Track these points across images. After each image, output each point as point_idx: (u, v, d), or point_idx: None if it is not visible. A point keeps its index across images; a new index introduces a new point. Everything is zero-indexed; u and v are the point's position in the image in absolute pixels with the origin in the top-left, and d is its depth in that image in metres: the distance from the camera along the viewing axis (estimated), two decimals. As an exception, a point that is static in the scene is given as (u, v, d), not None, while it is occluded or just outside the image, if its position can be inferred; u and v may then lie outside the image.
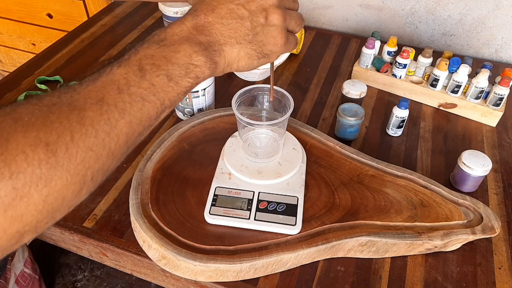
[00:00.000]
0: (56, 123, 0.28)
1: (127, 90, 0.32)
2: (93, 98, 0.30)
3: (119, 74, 0.32)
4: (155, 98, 0.33)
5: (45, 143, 0.26)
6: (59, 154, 0.27)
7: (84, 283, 1.33)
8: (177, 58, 0.34)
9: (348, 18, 1.11)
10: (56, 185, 0.27)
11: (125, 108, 0.31)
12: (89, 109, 0.29)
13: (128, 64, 0.33)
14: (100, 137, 0.30)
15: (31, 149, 0.26)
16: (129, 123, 0.32)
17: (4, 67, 1.76)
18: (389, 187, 0.64)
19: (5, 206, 0.25)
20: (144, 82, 0.32)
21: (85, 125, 0.29)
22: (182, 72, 0.34)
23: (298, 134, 0.70)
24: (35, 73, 0.92)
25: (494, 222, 0.58)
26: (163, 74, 0.33)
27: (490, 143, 0.79)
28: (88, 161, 0.29)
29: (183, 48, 0.35)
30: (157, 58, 0.34)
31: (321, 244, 0.56)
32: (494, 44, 1.01)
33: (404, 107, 0.75)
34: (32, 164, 0.26)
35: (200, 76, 0.36)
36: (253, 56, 0.39)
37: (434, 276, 0.57)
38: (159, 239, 0.55)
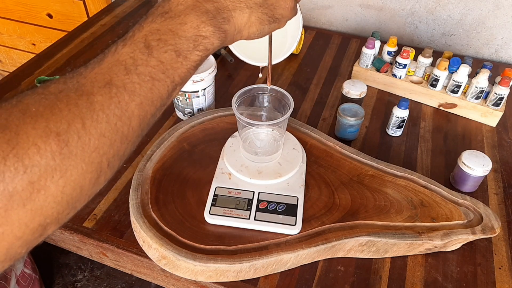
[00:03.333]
0: (65, 111, 0.27)
1: (135, 70, 0.30)
2: (100, 81, 0.29)
3: (125, 54, 0.31)
4: (165, 76, 0.31)
5: (56, 133, 0.26)
6: (72, 143, 0.26)
7: (84, 283, 1.33)
8: (184, 31, 0.32)
9: (348, 18, 1.11)
10: (72, 175, 0.26)
11: (134, 89, 0.30)
12: (98, 93, 0.28)
13: (133, 41, 0.31)
14: (112, 122, 0.29)
15: (43, 141, 0.25)
16: (140, 105, 0.30)
17: (4, 67, 1.76)
18: (389, 187, 0.64)
19: (24, 200, 0.24)
20: (152, 60, 0.31)
21: (95, 110, 0.28)
22: (191, 46, 0.33)
23: (298, 134, 0.70)
24: (35, 73, 0.92)
25: (494, 222, 0.58)
26: (171, 50, 0.32)
27: (490, 143, 0.79)
28: (102, 147, 0.28)
29: (189, 19, 0.33)
30: (163, 32, 0.32)
31: (321, 244, 0.55)
32: (494, 44, 1.01)
33: (404, 107, 0.75)
34: (45, 156, 0.25)
35: (210, 47, 0.34)
36: (264, 20, 0.38)
37: (434, 276, 0.57)
38: (159, 239, 0.55)
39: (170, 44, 0.32)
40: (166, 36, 0.32)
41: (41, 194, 0.25)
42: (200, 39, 0.33)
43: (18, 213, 0.24)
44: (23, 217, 0.25)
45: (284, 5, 0.39)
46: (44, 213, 0.26)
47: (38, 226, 0.26)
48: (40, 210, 0.26)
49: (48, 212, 0.26)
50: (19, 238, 0.25)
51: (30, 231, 0.26)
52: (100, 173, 0.29)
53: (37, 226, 0.26)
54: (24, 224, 0.25)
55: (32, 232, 0.26)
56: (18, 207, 0.24)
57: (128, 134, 0.30)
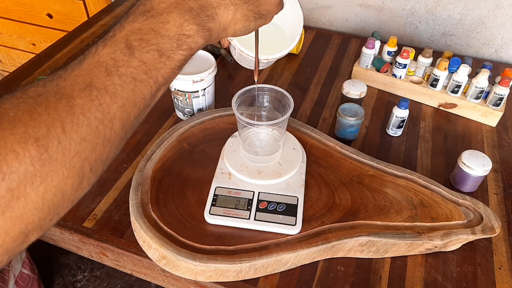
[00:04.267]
0: (44, 115, 0.26)
1: (116, 72, 0.29)
2: (80, 84, 0.28)
3: (105, 55, 0.30)
4: (147, 76, 0.30)
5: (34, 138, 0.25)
6: (51, 148, 0.25)
7: (84, 283, 1.33)
8: (166, 30, 0.31)
9: (348, 18, 1.11)
10: (52, 180, 0.26)
11: (116, 91, 0.29)
12: (78, 96, 0.27)
13: (114, 42, 0.30)
14: (93, 125, 0.28)
15: (21, 147, 0.24)
16: (122, 107, 0.29)
17: (4, 67, 1.76)
18: (389, 187, 0.64)
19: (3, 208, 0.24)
20: (134, 61, 0.30)
21: (75, 114, 0.27)
22: (174, 45, 0.32)
23: (298, 134, 0.70)
24: (35, 73, 0.92)
25: (494, 222, 0.58)
26: (153, 50, 0.31)
27: (490, 143, 0.79)
28: (83, 152, 0.27)
29: (172, 17, 0.32)
30: (144, 31, 0.31)
31: (321, 244, 0.55)
32: (494, 44, 1.01)
33: (404, 107, 0.75)
34: (24, 162, 0.24)
35: (194, 46, 0.33)
36: (250, 17, 0.37)
37: (434, 276, 0.57)
38: (159, 239, 0.55)
39: (153, 44, 0.31)
40: (148, 35, 0.31)
41: (21, 201, 0.25)
42: (184, 38, 0.32)
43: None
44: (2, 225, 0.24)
45: (269, 1, 0.38)
46: (24, 220, 0.25)
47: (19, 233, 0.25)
48: (21, 218, 0.25)
49: (29, 219, 0.25)
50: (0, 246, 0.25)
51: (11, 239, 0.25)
52: (83, 178, 0.28)
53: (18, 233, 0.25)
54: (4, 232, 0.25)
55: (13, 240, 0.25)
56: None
57: (110, 137, 0.29)
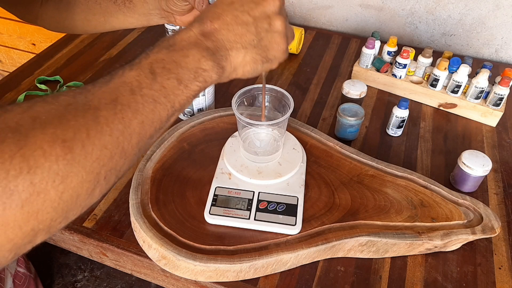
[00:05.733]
0: (73, 121, 0.28)
1: (140, 92, 0.32)
2: (107, 99, 0.31)
3: (131, 77, 0.33)
4: (166, 100, 0.34)
5: (62, 139, 0.27)
6: (76, 150, 0.27)
7: (84, 283, 1.33)
8: (186, 63, 0.35)
9: (348, 18, 1.11)
10: (71, 182, 0.27)
11: (138, 108, 0.32)
12: (104, 109, 0.30)
13: (139, 67, 0.34)
14: (115, 135, 0.30)
15: (49, 145, 0.26)
16: (141, 123, 0.32)
17: (4, 67, 1.76)
18: (389, 187, 0.64)
19: (22, 201, 0.25)
20: (156, 85, 0.33)
21: (100, 123, 0.29)
22: (191, 76, 0.36)
23: (298, 134, 0.70)
24: (35, 73, 0.92)
25: (494, 222, 0.58)
26: (173, 78, 0.34)
27: (490, 143, 0.79)
28: (102, 159, 0.29)
29: (192, 53, 0.36)
30: (167, 62, 0.35)
31: (321, 244, 0.55)
32: (494, 44, 1.01)
33: (404, 107, 0.75)
34: (49, 159, 0.26)
35: (208, 80, 0.37)
36: (258, 60, 0.40)
37: (434, 276, 0.57)
38: (159, 239, 0.55)
39: (173, 73, 0.35)
40: (170, 65, 0.35)
41: (40, 197, 0.26)
42: (200, 71, 0.36)
43: (14, 213, 0.25)
44: (18, 218, 0.25)
45: (277, 47, 0.41)
46: (39, 217, 0.26)
47: (30, 230, 0.26)
48: (36, 214, 0.26)
49: (44, 217, 0.27)
50: (10, 240, 0.26)
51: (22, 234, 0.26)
52: (97, 184, 0.30)
53: (30, 230, 0.26)
54: (18, 226, 0.25)
55: (23, 236, 0.26)
56: (16, 207, 0.25)
57: (127, 150, 0.32)
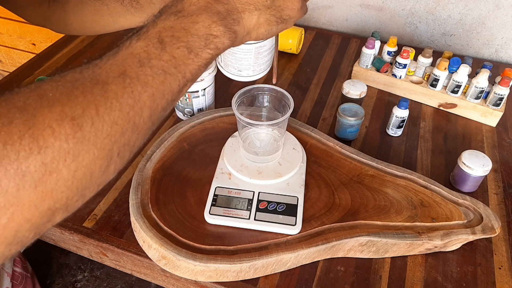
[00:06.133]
0: (81, 97, 0.28)
1: (148, 63, 0.31)
2: (115, 72, 0.30)
3: (139, 47, 0.32)
4: (176, 70, 0.33)
5: (71, 117, 0.27)
6: (85, 128, 0.27)
7: (84, 283, 1.33)
8: (196, 29, 0.34)
9: (348, 18, 1.11)
10: (83, 160, 0.27)
11: (147, 81, 0.31)
12: (112, 83, 0.29)
13: (147, 36, 0.32)
14: (125, 110, 0.29)
15: (58, 124, 0.26)
16: (152, 96, 0.31)
17: (4, 67, 1.76)
18: (389, 187, 0.64)
19: (36, 181, 0.25)
20: (165, 55, 0.32)
21: (109, 98, 0.29)
22: (202, 44, 0.34)
23: (298, 134, 0.70)
24: (35, 73, 0.92)
25: (494, 222, 0.58)
26: (183, 46, 0.33)
27: (490, 143, 0.79)
28: (114, 135, 0.29)
29: (201, 18, 0.34)
30: (176, 29, 0.33)
31: (321, 244, 0.55)
32: (494, 44, 1.01)
33: (404, 107, 0.75)
34: (59, 138, 0.26)
35: (220, 46, 0.35)
36: (272, 22, 0.39)
37: (434, 276, 0.57)
38: (159, 239, 0.55)
39: (183, 41, 0.33)
40: (179, 33, 0.33)
41: (53, 177, 0.26)
42: (211, 38, 0.34)
43: (29, 194, 0.25)
44: (33, 198, 0.25)
45: (291, 6, 0.39)
46: (54, 196, 0.26)
47: (47, 210, 0.26)
48: (51, 193, 0.26)
49: (58, 196, 0.26)
50: (28, 220, 0.26)
51: (39, 214, 0.26)
52: (110, 161, 0.29)
53: (46, 209, 0.26)
54: (34, 206, 0.25)
55: (41, 216, 0.26)
56: (30, 187, 0.25)
57: (139, 124, 0.31)
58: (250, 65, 0.54)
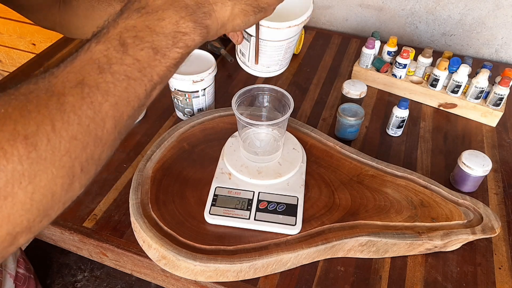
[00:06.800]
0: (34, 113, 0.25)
1: (109, 69, 0.28)
2: (72, 81, 0.27)
3: (98, 52, 0.29)
4: (141, 74, 0.30)
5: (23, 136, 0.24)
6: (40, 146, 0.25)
7: (84, 283, 1.33)
8: (162, 27, 0.31)
9: (348, 18, 1.11)
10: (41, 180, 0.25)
11: (108, 89, 0.28)
12: (69, 94, 0.27)
13: (107, 38, 0.30)
14: (84, 123, 0.27)
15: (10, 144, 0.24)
16: (115, 105, 0.29)
17: (4, 67, 1.76)
18: (389, 187, 0.64)
19: None
20: (127, 58, 0.29)
21: (66, 112, 0.26)
22: (169, 43, 0.31)
23: (298, 134, 0.70)
24: (35, 73, 0.92)
25: (494, 222, 0.58)
26: (147, 47, 0.30)
27: (490, 143, 0.79)
28: (74, 151, 0.26)
29: (168, 14, 0.31)
30: (139, 29, 0.30)
31: (321, 244, 0.55)
32: (494, 44, 1.01)
33: (404, 107, 0.75)
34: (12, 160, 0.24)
35: (190, 44, 0.32)
36: (249, 12, 0.36)
37: (434, 276, 0.57)
38: (159, 239, 0.55)
39: (147, 41, 0.30)
40: (142, 33, 0.30)
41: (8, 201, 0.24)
42: (180, 36, 0.31)
43: None
44: None
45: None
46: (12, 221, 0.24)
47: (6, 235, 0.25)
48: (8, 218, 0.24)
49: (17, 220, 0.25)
50: None
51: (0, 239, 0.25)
52: (73, 178, 0.27)
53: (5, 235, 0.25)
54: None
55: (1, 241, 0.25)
56: None
57: (102, 136, 0.28)
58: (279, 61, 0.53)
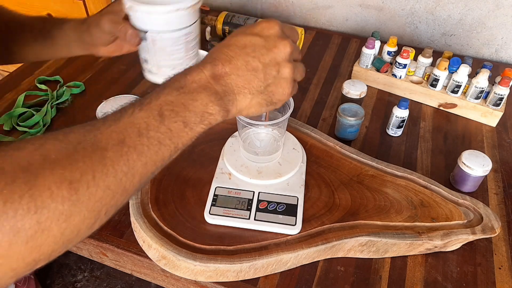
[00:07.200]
0: (80, 162, 0.30)
1: (147, 134, 0.34)
2: (114, 139, 0.32)
3: (140, 118, 0.34)
4: (171, 142, 0.35)
5: (69, 181, 0.28)
6: (81, 192, 0.29)
7: (84, 283, 1.33)
8: (194, 106, 0.37)
9: (348, 18, 1.11)
10: (74, 220, 0.29)
11: (143, 150, 0.33)
12: (111, 150, 0.32)
13: (149, 108, 0.35)
14: (118, 176, 0.32)
15: (56, 186, 0.28)
16: (145, 164, 0.34)
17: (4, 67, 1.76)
18: (389, 187, 0.63)
19: (28, 238, 0.27)
20: (162, 127, 0.35)
21: (106, 165, 0.31)
22: (197, 119, 0.37)
23: (298, 134, 0.70)
24: (35, 73, 0.92)
25: (494, 222, 0.58)
26: (180, 121, 0.36)
27: (490, 143, 0.79)
28: (105, 198, 0.31)
29: (200, 97, 0.37)
30: (176, 104, 0.36)
31: (321, 244, 0.55)
32: (494, 44, 1.01)
33: (404, 107, 0.75)
34: (56, 200, 0.28)
35: (213, 122, 0.39)
36: (262, 104, 0.42)
37: (434, 276, 0.57)
38: (159, 239, 0.55)
39: (181, 116, 0.36)
40: (178, 108, 0.36)
41: (44, 234, 0.27)
42: (207, 115, 0.38)
43: (19, 248, 0.27)
44: (22, 252, 0.27)
45: (282, 92, 0.42)
46: (41, 250, 0.28)
47: (32, 261, 0.28)
48: (39, 248, 0.28)
49: (45, 249, 0.28)
50: (13, 270, 0.27)
51: (25, 264, 0.28)
52: (97, 220, 0.31)
53: (31, 261, 0.28)
54: (21, 258, 0.27)
55: (25, 266, 0.28)
56: (22, 243, 0.26)
57: (129, 188, 0.33)
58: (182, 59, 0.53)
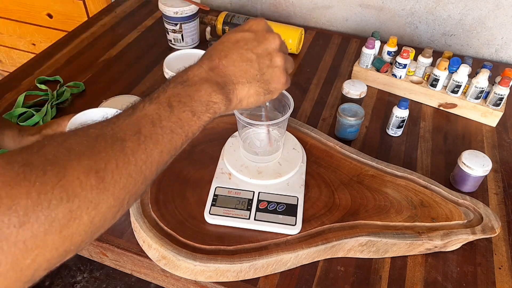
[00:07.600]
0: (103, 153, 0.31)
1: (159, 124, 0.36)
2: (131, 130, 0.35)
3: (151, 110, 0.37)
4: (182, 130, 0.38)
5: (95, 170, 0.30)
6: (106, 180, 0.31)
7: (83, 284, 1.33)
8: (199, 96, 0.40)
9: (348, 18, 1.11)
10: (102, 207, 0.30)
11: (158, 139, 0.36)
12: (129, 140, 0.34)
13: (158, 101, 0.38)
14: (138, 165, 0.34)
15: (85, 176, 0.29)
16: (160, 153, 0.36)
17: (4, 67, 1.76)
18: (389, 187, 0.63)
19: (61, 227, 0.28)
20: (173, 117, 0.37)
21: (126, 154, 0.33)
22: (204, 108, 0.40)
23: (298, 134, 0.70)
24: (35, 73, 0.92)
25: (494, 222, 0.58)
26: (188, 110, 0.39)
27: (490, 143, 0.79)
28: (128, 186, 0.33)
29: (203, 87, 0.40)
30: (182, 96, 0.39)
31: (321, 244, 0.55)
32: (494, 44, 1.01)
33: (404, 107, 0.75)
34: (85, 189, 0.29)
35: (217, 111, 0.42)
36: (260, 93, 0.45)
37: (434, 276, 0.57)
38: (159, 239, 0.55)
39: (188, 106, 0.39)
40: (185, 99, 0.39)
41: (75, 223, 0.29)
42: (211, 104, 0.41)
43: (53, 238, 0.28)
44: (56, 241, 0.28)
45: (277, 80, 0.46)
46: (72, 239, 0.29)
47: (63, 251, 0.29)
48: (71, 237, 0.29)
49: (76, 239, 0.29)
50: (48, 260, 0.28)
51: (58, 255, 0.29)
52: (120, 208, 0.33)
53: (63, 251, 0.29)
54: (55, 248, 0.28)
55: (58, 256, 0.29)
56: (56, 232, 0.28)
57: (148, 176, 0.35)
58: None
